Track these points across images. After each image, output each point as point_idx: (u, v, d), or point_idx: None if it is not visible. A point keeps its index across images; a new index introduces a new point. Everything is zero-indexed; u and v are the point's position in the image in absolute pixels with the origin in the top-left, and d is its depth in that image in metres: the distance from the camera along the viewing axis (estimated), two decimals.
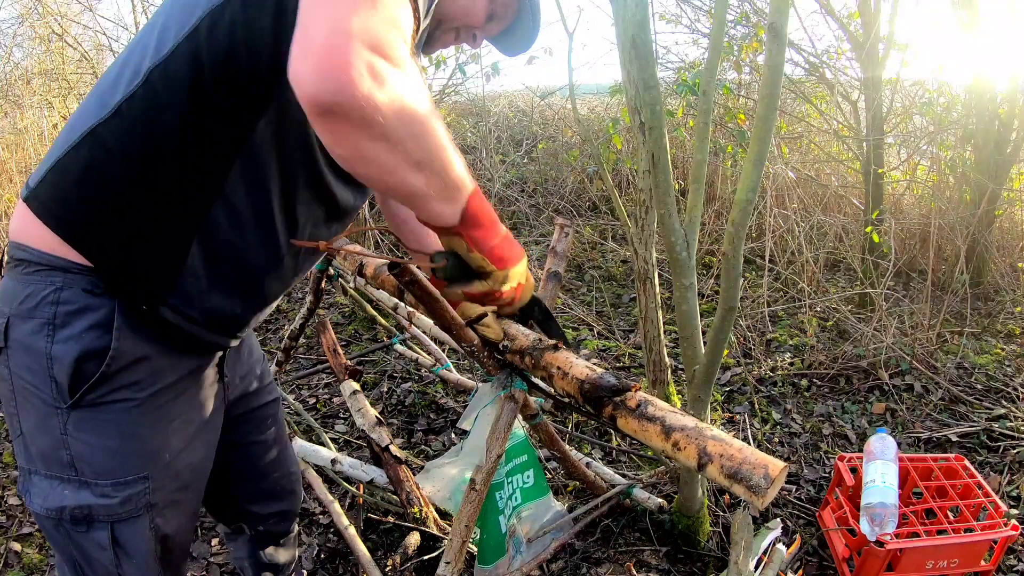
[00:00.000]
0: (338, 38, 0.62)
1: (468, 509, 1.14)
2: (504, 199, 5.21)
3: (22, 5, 5.48)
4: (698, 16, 4.50)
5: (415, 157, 0.71)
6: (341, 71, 0.62)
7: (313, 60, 0.62)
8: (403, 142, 0.69)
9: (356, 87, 0.62)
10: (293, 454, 1.37)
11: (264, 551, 1.38)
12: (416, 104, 0.69)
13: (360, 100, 0.63)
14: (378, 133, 0.66)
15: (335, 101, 0.63)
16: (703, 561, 1.85)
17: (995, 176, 3.54)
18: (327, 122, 0.65)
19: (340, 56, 0.62)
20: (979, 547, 1.72)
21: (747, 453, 0.72)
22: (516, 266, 0.90)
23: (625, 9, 1.59)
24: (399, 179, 0.73)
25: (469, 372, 2.87)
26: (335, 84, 0.62)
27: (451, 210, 0.80)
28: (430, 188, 0.76)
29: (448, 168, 0.76)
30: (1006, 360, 3.05)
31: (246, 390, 1.19)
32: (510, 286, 0.91)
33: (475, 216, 0.82)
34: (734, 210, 1.41)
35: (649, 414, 0.83)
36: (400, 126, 0.67)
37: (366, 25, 0.63)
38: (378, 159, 0.69)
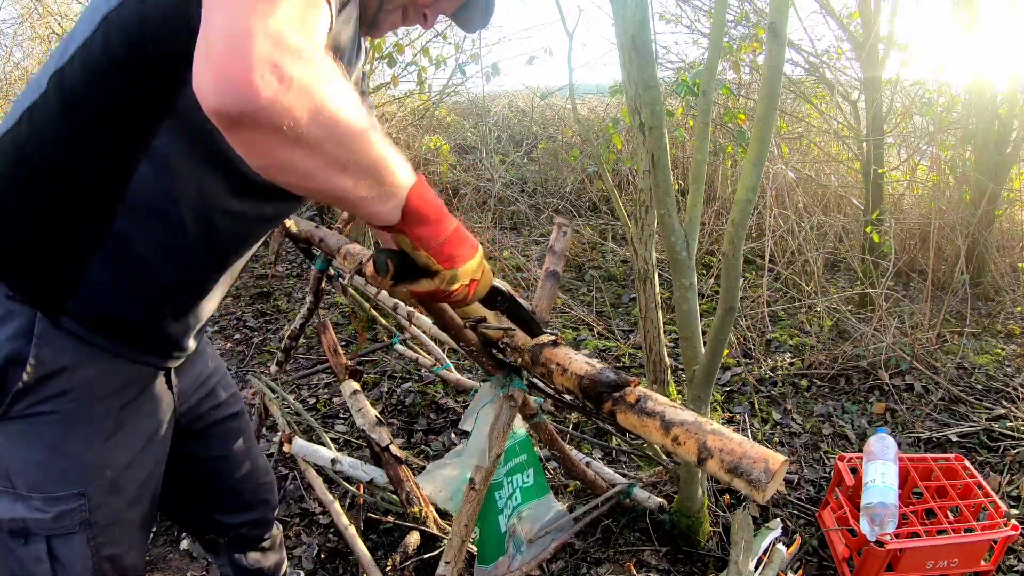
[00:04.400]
0: (236, 40, 0.57)
1: (468, 509, 1.14)
2: (504, 199, 5.21)
3: (22, 5, 5.48)
4: (698, 16, 4.51)
5: (338, 159, 0.65)
6: (241, 78, 0.56)
7: (212, 68, 0.57)
8: (321, 145, 0.63)
9: (259, 93, 0.57)
10: (264, 463, 1.34)
11: (244, 556, 1.37)
12: (333, 101, 0.62)
13: (266, 107, 0.58)
14: (291, 139, 0.61)
15: (240, 111, 0.58)
16: (703, 561, 1.85)
17: (995, 176, 3.54)
18: (235, 133, 0.60)
19: (239, 60, 0.57)
20: (979, 547, 1.72)
21: (747, 447, 0.72)
22: (467, 263, 0.84)
23: (625, 9, 1.59)
24: (322, 184, 0.67)
25: (469, 372, 2.87)
26: (237, 94, 0.57)
27: (388, 209, 0.74)
28: (360, 189, 0.69)
29: (379, 166, 0.69)
30: (1006, 360, 3.05)
31: (208, 403, 1.17)
32: (460, 283, 0.85)
33: (417, 212, 0.75)
34: (734, 210, 1.41)
35: (648, 409, 0.83)
36: (315, 128, 0.61)
37: (267, 21, 0.58)
38: (296, 165, 0.64)
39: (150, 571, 1.88)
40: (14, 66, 5.48)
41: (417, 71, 4.63)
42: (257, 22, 0.58)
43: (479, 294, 0.92)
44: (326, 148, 0.63)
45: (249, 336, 3.44)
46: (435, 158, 5.35)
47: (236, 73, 0.57)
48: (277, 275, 4.25)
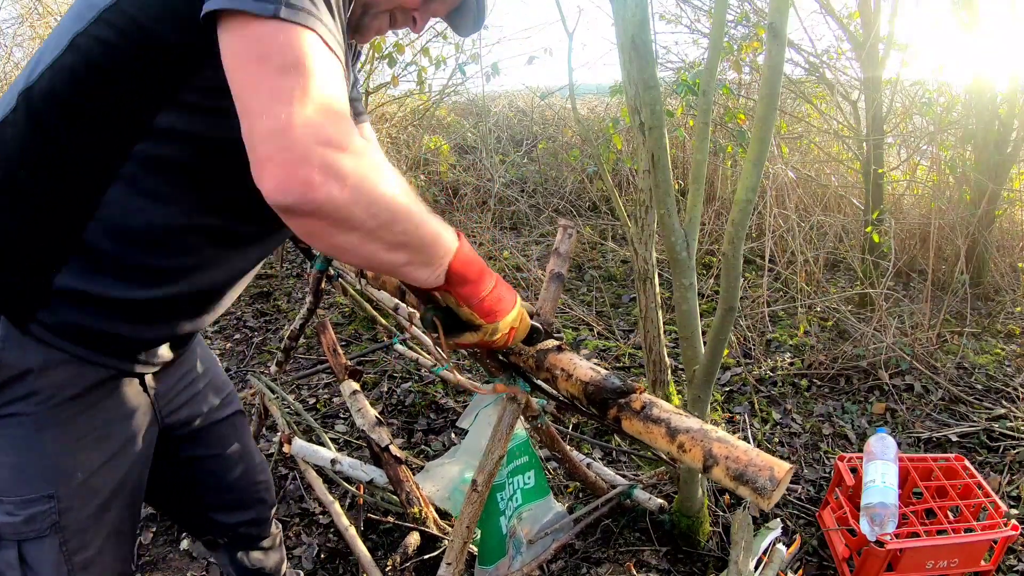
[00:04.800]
0: (286, 148, 0.62)
1: (469, 510, 1.14)
2: (504, 199, 5.21)
3: (22, 5, 5.48)
4: (698, 16, 4.51)
5: (390, 240, 0.72)
6: (299, 182, 0.62)
7: (268, 174, 0.63)
8: (375, 231, 0.70)
9: (316, 194, 0.63)
10: (260, 463, 1.34)
11: (245, 556, 1.37)
12: (382, 189, 0.69)
13: (323, 205, 0.64)
14: (348, 228, 0.67)
15: (300, 210, 0.64)
16: (703, 561, 1.85)
17: (995, 176, 3.54)
18: (296, 222, 0.66)
19: (294, 166, 0.62)
20: (979, 547, 1.72)
21: (752, 455, 0.72)
22: (507, 316, 0.90)
23: (625, 9, 1.58)
24: (379, 261, 0.74)
25: (469, 372, 2.87)
26: (296, 196, 0.63)
27: (434, 275, 0.81)
28: (411, 262, 0.77)
29: (426, 240, 0.77)
30: (1006, 360, 3.05)
31: (196, 406, 1.17)
32: (501, 335, 0.91)
33: (460, 275, 0.82)
34: (734, 210, 1.41)
35: (654, 416, 0.83)
36: (369, 218, 0.68)
37: (307, 119, 0.63)
38: (354, 249, 0.71)
39: (150, 571, 1.88)
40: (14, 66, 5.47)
41: (417, 71, 4.63)
42: (299, 119, 0.63)
43: (518, 339, 0.98)
44: (379, 233, 0.70)
45: (249, 336, 3.44)
46: (435, 158, 5.35)
47: (293, 176, 0.62)
48: (277, 275, 4.25)
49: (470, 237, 4.47)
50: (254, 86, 0.65)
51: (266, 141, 0.63)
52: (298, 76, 0.64)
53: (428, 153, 5.36)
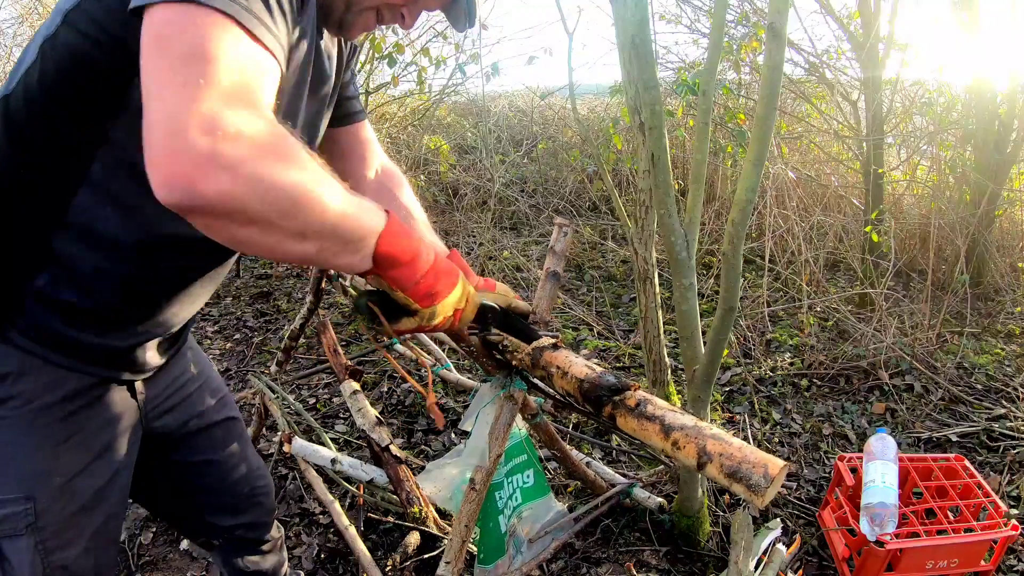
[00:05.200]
0: (173, 137, 0.58)
1: (468, 509, 1.14)
2: (504, 199, 5.21)
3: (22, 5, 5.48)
4: (698, 16, 4.51)
5: (295, 230, 0.66)
6: (184, 176, 0.58)
7: (156, 166, 0.59)
8: (275, 221, 0.64)
9: (203, 187, 0.58)
10: (258, 467, 1.34)
11: (241, 559, 1.36)
12: (280, 176, 0.62)
13: (212, 198, 0.59)
14: (245, 221, 0.63)
15: (191, 205, 0.59)
16: (703, 561, 1.85)
17: (995, 176, 3.54)
18: (191, 218, 0.62)
19: (180, 159, 0.58)
20: (979, 547, 1.72)
21: (747, 452, 0.72)
22: (446, 298, 0.85)
23: (625, 9, 1.59)
24: (285, 251, 0.68)
25: (469, 372, 2.87)
26: (183, 191, 0.58)
27: (358, 259, 0.75)
28: (324, 250, 0.71)
29: (339, 225, 0.70)
30: (1006, 360, 3.05)
31: (188, 410, 1.17)
32: (442, 317, 0.86)
33: (388, 257, 0.76)
34: (734, 210, 1.41)
35: (648, 413, 0.83)
36: (266, 208, 0.62)
37: (201, 106, 0.58)
38: (255, 242, 0.65)
39: (150, 571, 1.88)
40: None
41: (417, 71, 4.63)
42: (191, 111, 0.58)
43: (466, 320, 0.93)
44: (280, 224, 0.64)
45: (249, 336, 3.44)
46: (435, 158, 5.35)
47: (179, 172, 0.58)
48: (277, 275, 4.25)
49: (470, 237, 4.48)
50: (154, 72, 0.61)
51: (154, 130, 0.59)
52: (201, 62, 0.60)
53: (428, 153, 5.36)
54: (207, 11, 0.62)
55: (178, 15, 0.62)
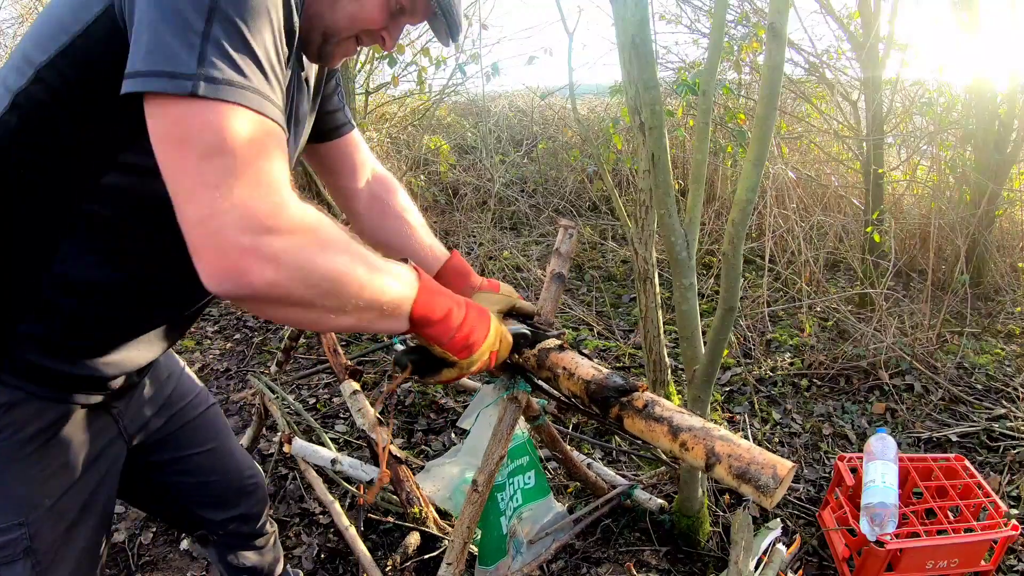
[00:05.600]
0: (218, 237, 0.62)
1: (470, 510, 1.14)
2: (504, 199, 5.21)
3: (22, 5, 5.48)
4: (698, 16, 4.51)
5: (336, 307, 0.71)
6: (235, 271, 0.62)
7: (206, 264, 0.63)
8: (316, 301, 0.69)
9: (250, 279, 0.63)
10: (243, 458, 1.34)
11: (236, 555, 1.37)
12: (318, 261, 0.68)
13: (259, 289, 0.64)
14: (289, 304, 0.67)
15: (238, 296, 0.64)
16: (703, 561, 1.85)
17: (995, 176, 3.54)
18: (240, 304, 0.67)
19: (228, 256, 0.62)
20: (979, 547, 1.72)
21: (755, 453, 0.72)
22: (482, 346, 0.89)
23: (625, 9, 1.59)
24: (329, 326, 0.73)
25: None
26: (231, 284, 0.63)
27: (396, 324, 0.80)
28: (363, 320, 0.75)
29: (376, 298, 0.75)
30: (1006, 360, 3.05)
31: (165, 411, 1.18)
32: (480, 363, 0.91)
33: (424, 318, 0.82)
34: (734, 210, 1.41)
35: (656, 414, 0.83)
36: (308, 291, 0.67)
37: (233, 204, 0.62)
38: (300, 320, 0.71)
39: (150, 571, 1.88)
40: None
41: (417, 71, 4.64)
42: (226, 210, 0.62)
43: (502, 357, 0.98)
44: (322, 303, 0.70)
45: (249, 336, 3.44)
46: (435, 158, 5.35)
47: (227, 267, 0.62)
48: None
49: (470, 237, 4.48)
50: (179, 172, 0.63)
51: (195, 229, 0.62)
52: (222, 158, 0.62)
53: (428, 153, 5.36)
54: (215, 104, 0.63)
55: (188, 113, 0.63)
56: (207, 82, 0.62)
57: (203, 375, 3.02)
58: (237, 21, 0.64)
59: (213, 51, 0.63)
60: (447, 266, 1.22)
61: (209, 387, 2.90)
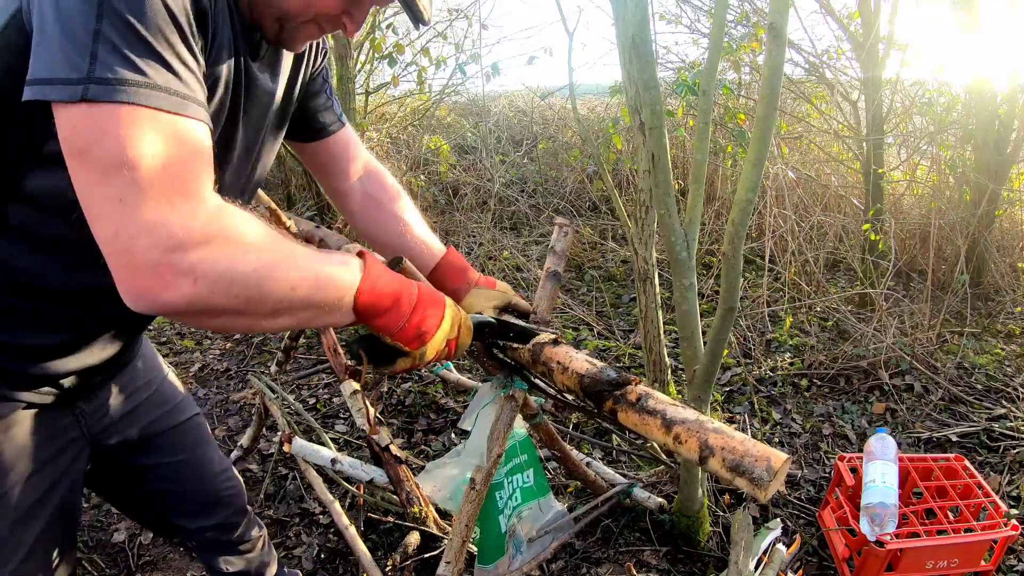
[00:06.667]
0: (128, 255, 0.59)
1: (468, 509, 1.14)
2: (504, 199, 5.20)
3: None
4: (698, 16, 4.51)
5: (267, 311, 0.68)
6: (149, 289, 0.60)
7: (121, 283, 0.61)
8: (244, 308, 0.66)
9: (167, 299, 0.61)
10: (222, 469, 1.33)
11: (218, 560, 1.35)
12: (238, 269, 0.64)
13: (179, 305, 0.61)
14: (215, 314, 0.65)
15: (158, 312, 0.62)
16: (703, 561, 1.85)
17: (995, 176, 3.54)
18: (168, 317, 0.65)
19: (140, 274, 0.59)
20: (979, 547, 1.72)
21: (749, 446, 0.72)
22: (436, 335, 0.86)
23: (625, 9, 1.59)
24: (265, 328, 0.71)
25: (469, 372, 2.87)
26: (148, 303, 0.61)
27: (339, 316, 0.77)
28: (303, 319, 0.73)
29: (310, 295, 0.71)
30: (1006, 360, 3.05)
31: (139, 417, 1.16)
32: (435, 352, 0.88)
33: (370, 307, 0.78)
34: (734, 210, 1.41)
35: (650, 407, 0.83)
36: (232, 300, 0.64)
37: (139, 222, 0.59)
38: (232, 326, 0.68)
39: (150, 571, 1.88)
40: None
41: (417, 71, 4.64)
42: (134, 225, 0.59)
43: (463, 346, 0.94)
44: (251, 308, 0.67)
45: (249, 336, 3.44)
46: (435, 158, 5.35)
47: (141, 286, 0.60)
48: None
49: (470, 237, 4.48)
50: (84, 186, 0.60)
51: (107, 247, 0.60)
52: (124, 171, 0.58)
53: (428, 153, 5.36)
54: (111, 108, 0.59)
55: (85, 120, 0.59)
56: (98, 84, 0.58)
57: (203, 375, 3.02)
58: (128, 16, 0.60)
59: (106, 51, 0.59)
60: (443, 262, 1.20)
61: (209, 387, 2.90)
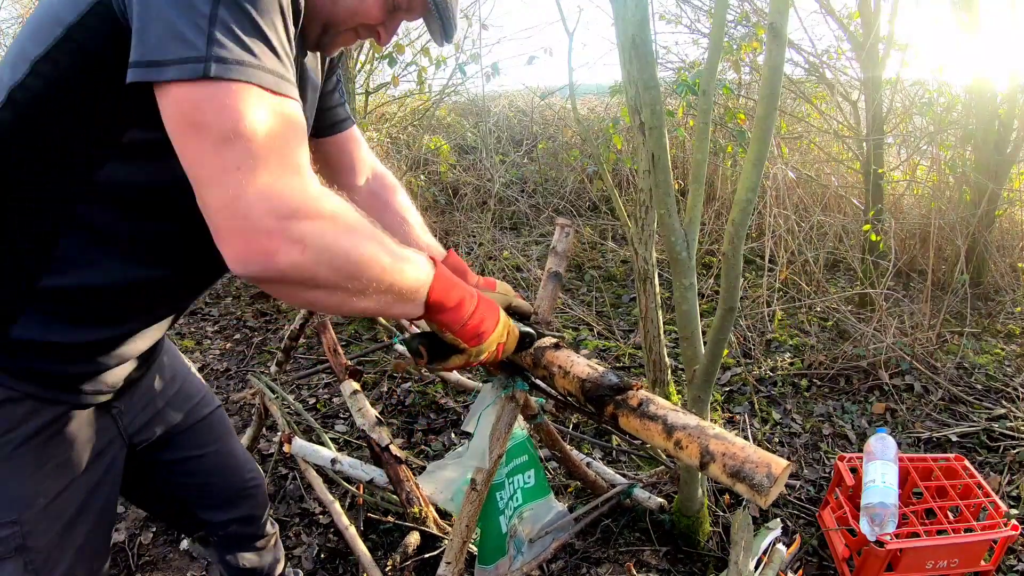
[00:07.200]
0: (243, 221, 0.62)
1: (469, 509, 1.14)
2: (504, 199, 5.20)
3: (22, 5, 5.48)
4: (698, 16, 4.51)
5: (357, 289, 0.72)
6: (261, 254, 0.62)
7: (231, 247, 0.63)
8: (340, 284, 0.70)
9: (277, 262, 0.63)
10: (246, 460, 1.35)
11: (235, 555, 1.37)
12: (342, 243, 0.68)
13: (286, 271, 0.64)
14: (313, 286, 0.68)
15: (264, 277, 0.64)
16: (703, 561, 1.85)
17: (995, 176, 3.54)
18: (264, 286, 0.67)
19: (253, 239, 0.62)
20: (979, 547, 1.72)
21: (749, 452, 0.72)
22: (491, 335, 0.91)
23: (625, 9, 1.59)
24: (349, 309, 0.74)
25: (469, 372, 2.87)
26: (258, 266, 0.63)
27: (412, 308, 0.82)
28: (383, 304, 0.77)
29: (395, 282, 0.76)
30: (1006, 360, 3.05)
31: (169, 414, 1.17)
32: (488, 353, 0.92)
33: (439, 303, 0.83)
34: (734, 210, 1.41)
35: (651, 412, 0.83)
36: (332, 273, 0.68)
37: (257, 187, 0.62)
38: (322, 303, 0.71)
39: (150, 571, 1.88)
40: None
41: (417, 71, 4.64)
42: (250, 193, 0.62)
43: (508, 351, 0.99)
44: (345, 285, 0.70)
45: (249, 336, 3.44)
46: (435, 158, 5.35)
47: (253, 250, 0.62)
48: None
49: (470, 237, 4.48)
50: (199, 157, 0.62)
51: (219, 213, 0.62)
52: (241, 141, 0.62)
53: (428, 153, 5.36)
54: (228, 84, 0.62)
55: (204, 96, 0.62)
56: (218, 63, 0.62)
57: (203, 375, 3.02)
58: (243, 2, 0.64)
59: (222, 33, 0.62)
60: (445, 263, 1.22)
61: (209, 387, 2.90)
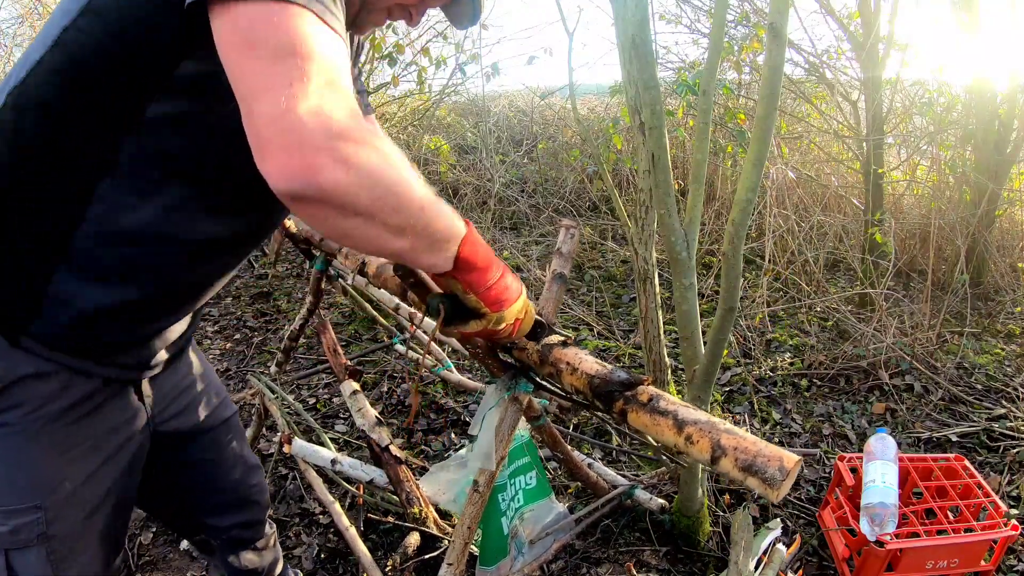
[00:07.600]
0: (291, 134, 0.61)
1: (471, 511, 1.14)
2: (504, 199, 5.20)
3: (22, 5, 5.48)
4: (698, 16, 4.51)
5: (394, 224, 0.70)
6: (306, 168, 0.61)
7: (275, 161, 0.61)
8: (379, 214, 0.68)
9: (321, 179, 0.62)
10: (255, 466, 1.34)
11: (236, 556, 1.36)
12: (387, 173, 0.67)
13: (329, 190, 0.63)
14: (352, 213, 0.66)
15: (304, 195, 0.63)
16: (703, 561, 1.85)
17: (995, 176, 3.55)
18: (299, 207, 0.65)
19: (300, 152, 0.61)
20: (979, 547, 1.72)
21: (761, 446, 0.72)
22: (513, 306, 0.90)
23: (625, 9, 1.59)
24: (381, 245, 0.73)
25: (469, 373, 2.87)
26: (301, 182, 0.61)
27: (442, 259, 0.80)
28: (416, 247, 0.75)
29: (432, 224, 0.75)
30: (1006, 360, 3.05)
31: (193, 412, 1.16)
32: (506, 324, 0.91)
33: (468, 261, 0.82)
34: (734, 210, 1.41)
35: (661, 408, 0.83)
36: (373, 201, 0.66)
37: (308, 102, 0.61)
38: (357, 233, 0.69)
39: (150, 571, 1.88)
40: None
41: (417, 71, 4.63)
42: (301, 107, 0.61)
43: (523, 331, 0.97)
44: (383, 218, 0.68)
45: (249, 336, 3.44)
46: (435, 158, 5.35)
47: (298, 164, 0.61)
48: (277, 275, 4.25)
49: None
50: (251, 72, 0.62)
51: (267, 127, 0.61)
52: (295, 59, 0.62)
53: (428, 153, 5.36)
54: (285, 6, 0.63)
55: (260, 13, 0.63)
56: None
57: None
58: None
59: None
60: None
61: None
